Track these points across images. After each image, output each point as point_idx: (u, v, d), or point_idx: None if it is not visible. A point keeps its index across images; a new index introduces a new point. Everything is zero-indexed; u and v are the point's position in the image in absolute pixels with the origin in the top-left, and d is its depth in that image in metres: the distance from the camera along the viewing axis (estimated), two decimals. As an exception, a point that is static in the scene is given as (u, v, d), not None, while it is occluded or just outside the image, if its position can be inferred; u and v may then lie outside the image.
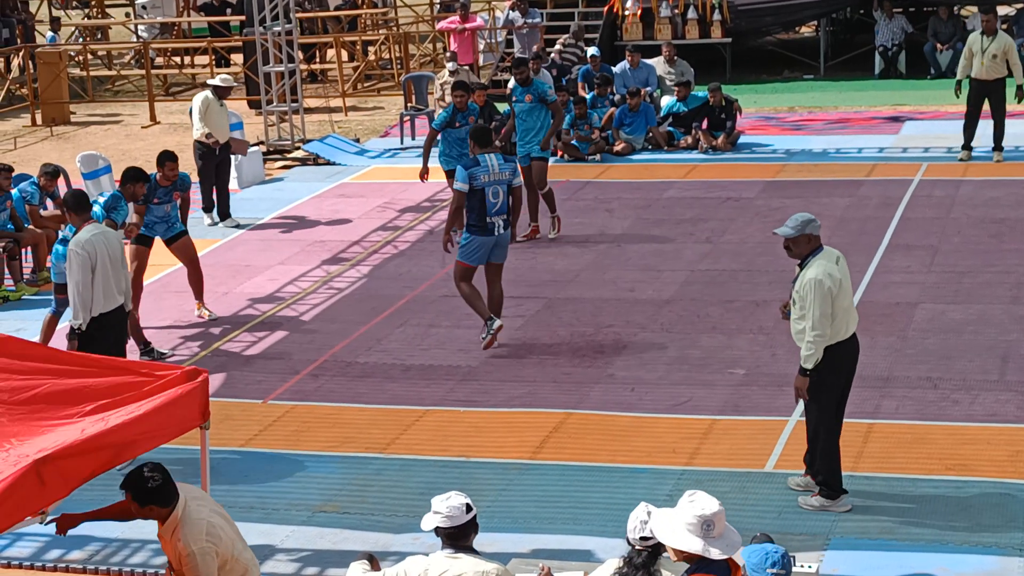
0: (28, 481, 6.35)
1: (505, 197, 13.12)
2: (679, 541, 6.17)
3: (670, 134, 21.41)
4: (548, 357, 12.99)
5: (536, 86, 16.99)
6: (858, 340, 9.78)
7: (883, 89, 25.41)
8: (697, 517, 6.13)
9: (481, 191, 13.01)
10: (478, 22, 26.26)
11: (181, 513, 7.30)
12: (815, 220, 9.61)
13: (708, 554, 6.11)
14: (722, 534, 6.17)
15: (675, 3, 26.80)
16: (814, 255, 9.57)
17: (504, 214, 13.14)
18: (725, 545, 6.16)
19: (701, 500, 6.21)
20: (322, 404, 12.22)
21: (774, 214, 17.34)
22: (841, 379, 9.69)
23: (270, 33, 22.07)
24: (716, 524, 6.14)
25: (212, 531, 7.31)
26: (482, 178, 13.02)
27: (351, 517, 10.04)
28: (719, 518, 6.16)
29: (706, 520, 6.13)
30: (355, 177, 20.83)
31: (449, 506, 6.64)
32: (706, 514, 6.14)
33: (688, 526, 6.16)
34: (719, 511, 6.17)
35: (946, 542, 9.24)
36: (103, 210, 13.13)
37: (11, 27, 31.42)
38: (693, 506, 6.18)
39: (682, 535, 6.17)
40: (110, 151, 22.31)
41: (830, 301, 9.42)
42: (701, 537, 6.13)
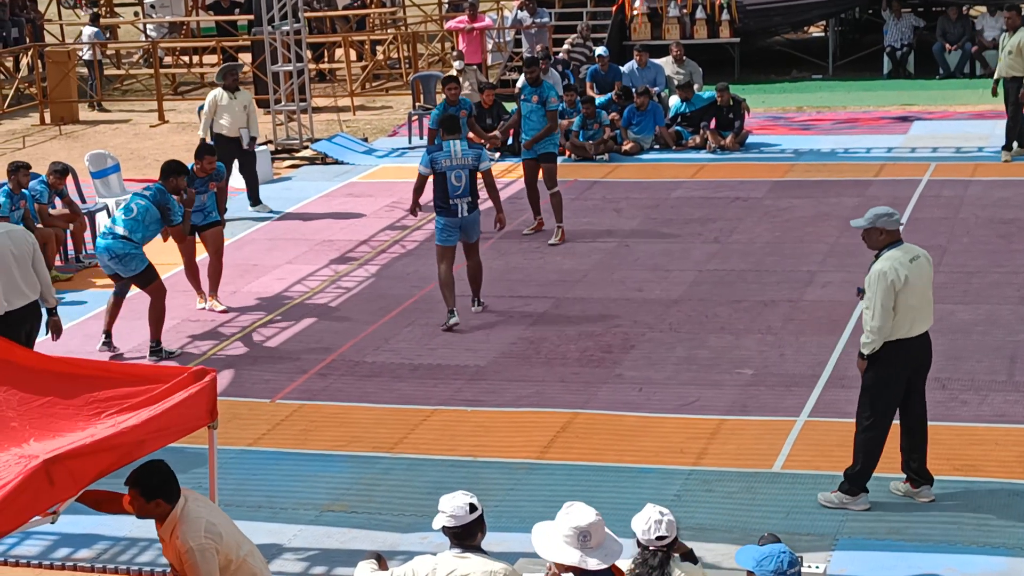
0: (37, 481, 6.36)
1: (468, 181, 13.80)
2: (556, 554, 6.17)
3: (678, 134, 21.40)
4: (556, 357, 12.99)
5: (543, 89, 17.03)
6: (930, 341, 9.70)
7: (892, 89, 25.38)
8: (573, 529, 6.14)
9: (443, 175, 13.73)
10: (486, 21, 26.26)
11: (180, 512, 7.30)
12: (892, 215, 9.53)
13: (585, 565, 6.11)
14: (600, 544, 6.16)
15: (683, 3, 26.78)
16: (889, 248, 9.51)
17: (467, 197, 13.81)
18: (603, 555, 6.16)
19: (577, 511, 6.22)
20: (330, 403, 12.23)
21: (782, 214, 17.34)
22: (901, 377, 9.59)
23: (278, 32, 22.09)
24: (593, 534, 6.13)
25: (211, 529, 7.30)
26: (443, 162, 13.73)
27: (359, 516, 10.04)
28: (596, 528, 6.15)
29: (582, 531, 6.14)
30: (363, 176, 20.84)
31: (454, 506, 6.64)
32: (582, 525, 6.15)
33: (565, 538, 6.16)
34: (595, 521, 6.17)
35: (954, 542, 9.24)
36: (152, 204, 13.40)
37: (20, 26, 31.45)
38: (569, 518, 6.19)
39: (559, 547, 6.17)
40: (119, 150, 22.34)
41: (892, 294, 9.35)
42: (578, 548, 6.13)
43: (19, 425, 7.11)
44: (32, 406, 7.32)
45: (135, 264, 13.39)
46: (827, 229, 16.54)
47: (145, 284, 13.55)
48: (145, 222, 13.43)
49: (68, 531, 9.82)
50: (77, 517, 9.83)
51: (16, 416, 7.20)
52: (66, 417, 7.23)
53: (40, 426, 7.11)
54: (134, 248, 13.36)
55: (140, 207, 13.46)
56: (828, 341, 12.94)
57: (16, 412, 7.24)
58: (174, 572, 7.49)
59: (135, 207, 13.48)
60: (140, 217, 13.42)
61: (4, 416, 7.20)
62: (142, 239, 13.46)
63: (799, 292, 14.38)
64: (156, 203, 13.49)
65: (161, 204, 13.52)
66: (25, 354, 7.91)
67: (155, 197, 13.53)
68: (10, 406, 7.28)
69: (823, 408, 11.49)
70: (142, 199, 13.51)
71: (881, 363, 9.54)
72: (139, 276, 13.47)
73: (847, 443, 10.73)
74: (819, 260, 15.39)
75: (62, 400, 7.37)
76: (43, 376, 7.58)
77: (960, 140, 20.76)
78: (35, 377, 7.56)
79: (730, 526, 9.53)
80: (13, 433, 7.02)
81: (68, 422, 7.18)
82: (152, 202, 13.47)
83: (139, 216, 13.42)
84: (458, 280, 14.14)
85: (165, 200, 13.54)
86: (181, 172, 13.73)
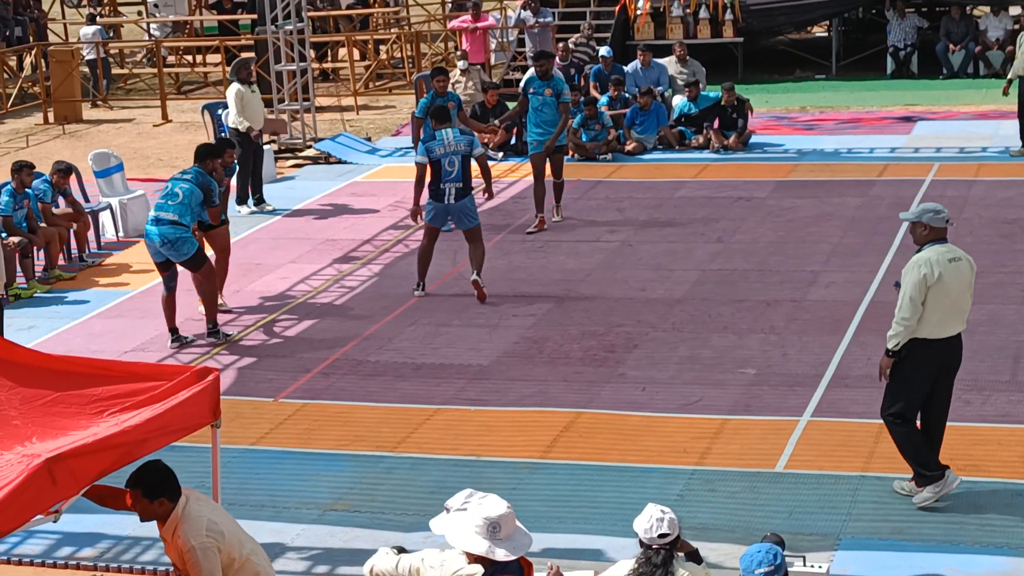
0: (39, 479, 6.36)
1: (460, 167, 14.51)
2: (465, 543, 6.22)
3: (681, 133, 21.40)
4: (559, 356, 12.99)
5: (556, 82, 17.39)
6: (961, 343, 9.65)
7: (895, 89, 25.38)
8: (484, 519, 6.19)
9: (438, 161, 14.51)
10: (490, 21, 26.25)
11: (181, 512, 7.29)
12: (939, 212, 9.49)
13: (493, 555, 6.16)
14: (510, 536, 6.21)
15: (687, 2, 26.78)
16: (930, 244, 9.49)
17: (458, 182, 14.54)
18: (512, 547, 6.20)
19: (488, 503, 6.25)
20: (333, 403, 12.23)
21: (785, 214, 17.34)
22: (927, 375, 9.54)
23: (282, 32, 22.10)
24: (503, 526, 6.18)
25: (213, 527, 7.30)
26: (438, 150, 14.52)
27: (361, 516, 10.04)
28: (506, 520, 6.20)
29: (492, 522, 6.18)
30: (366, 176, 20.85)
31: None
32: (492, 516, 6.19)
33: (476, 528, 6.21)
34: (506, 513, 6.21)
35: (957, 542, 9.23)
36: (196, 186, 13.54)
37: (23, 25, 31.47)
38: (480, 508, 6.22)
39: (469, 537, 6.22)
40: (122, 149, 22.33)
41: (923, 289, 9.33)
42: (487, 539, 6.17)
43: (22, 424, 7.11)
44: (35, 405, 7.32)
45: (187, 248, 13.54)
46: (830, 229, 16.54)
47: (196, 267, 13.72)
48: (191, 205, 13.58)
49: (71, 530, 9.82)
50: (80, 516, 9.83)
51: (19, 415, 7.20)
52: (69, 416, 7.23)
53: (43, 425, 7.11)
54: (185, 232, 13.53)
55: (185, 190, 13.59)
56: (831, 341, 12.93)
57: (19, 411, 7.24)
58: (177, 572, 7.49)
59: (180, 191, 13.60)
60: (187, 200, 13.56)
61: (7, 415, 7.20)
62: (191, 222, 13.62)
63: (802, 292, 14.38)
64: (199, 185, 13.65)
65: (203, 185, 13.69)
66: (27, 354, 7.91)
67: (197, 179, 13.68)
68: (12, 405, 7.28)
69: (826, 408, 11.48)
70: (184, 183, 13.65)
71: (907, 361, 9.49)
72: (191, 259, 13.62)
73: (850, 443, 10.76)
74: (822, 260, 15.39)
75: (65, 399, 7.37)
76: (46, 375, 7.58)
77: (963, 140, 20.75)
78: (38, 376, 7.56)
79: (733, 526, 9.52)
80: (16, 432, 7.02)
81: (71, 420, 7.18)
82: (195, 184, 13.63)
83: (186, 199, 13.56)
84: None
85: (207, 181, 13.74)
86: (216, 154, 14.00)
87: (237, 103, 18.56)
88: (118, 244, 17.78)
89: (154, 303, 15.13)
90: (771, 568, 6.38)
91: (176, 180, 13.76)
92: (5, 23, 30.88)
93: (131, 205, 18.17)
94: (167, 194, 13.64)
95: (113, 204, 18.02)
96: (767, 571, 6.38)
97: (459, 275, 15.48)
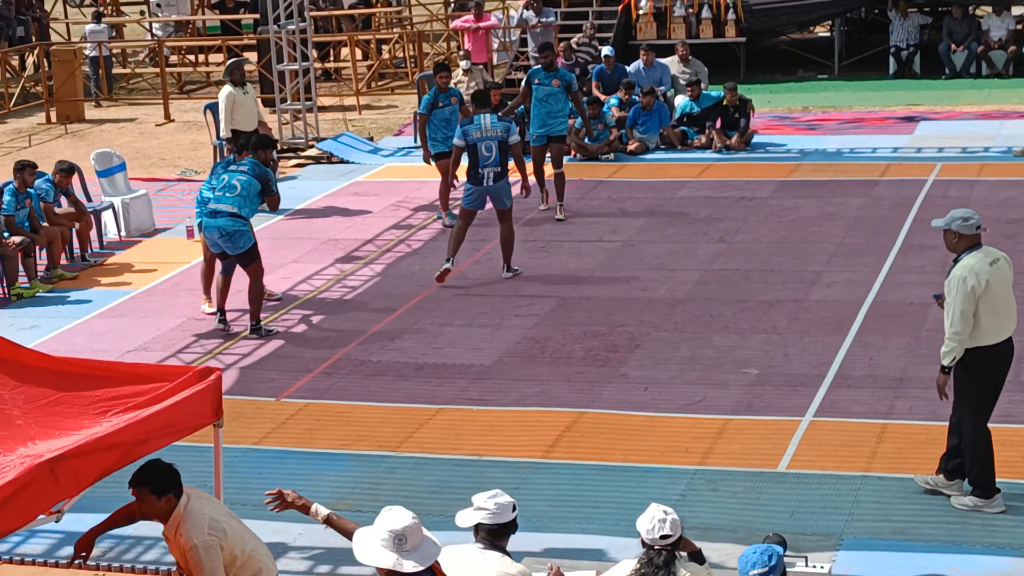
0: (41, 479, 6.36)
1: (497, 152, 14.91)
2: (373, 558, 6.18)
3: (684, 133, 21.40)
4: (561, 356, 12.99)
5: (562, 73, 17.99)
6: (1012, 346, 9.58)
7: (897, 89, 25.36)
8: (389, 532, 6.16)
9: (474, 146, 14.91)
10: (492, 21, 26.24)
11: (183, 509, 7.29)
12: (968, 219, 9.39)
13: (401, 568, 6.12)
14: (417, 546, 6.18)
15: (689, 2, 26.77)
16: (968, 252, 9.41)
17: (496, 167, 14.95)
18: (420, 557, 6.17)
19: (393, 515, 6.23)
20: (335, 402, 12.23)
21: (787, 214, 17.33)
22: (999, 377, 9.51)
23: (284, 31, 22.10)
24: (409, 537, 6.15)
25: (215, 525, 7.29)
26: (474, 134, 14.92)
27: (364, 515, 9.97)
28: (411, 531, 6.17)
29: (397, 534, 6.16)
30: (369, 175, 20.85)
31: (496, 503, 6.67)
32: (396, 528, 6.17)
33: (382, 542, 6.18)
34: (411, 525, 6.18)
35: (959, 542, 9.23)
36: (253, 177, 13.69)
37: (26, 25, 31.48)
38: (385, 522, 6.20)
39: (376, 551, 6.18)
40: (124, 149, 22.35)
41: (973, 300, 9.23)
42: (394, 552, 6.15)
43: (24, 424, 7.11)
44: (38, 405, 7.32)
45: (243, 241, 13.65)
46: (832, 229, 16.53)
47: (248, 263, 13.82)
48: (249, 197, 13.70)
49: (73, 529, 9.80)
50: (82, 515, 9.83)
51: (22, 415, 7.21)
52: (71, 416, 7.24)
53: (45, 425, 7.12)
54: (243, 224, 13.64)
55: (243, 182, 13.70)
56: (833, 341, 12.93)
57: (22, 411, 7.24)
58: (180, 570, 7.49)
59: (238, 183, 13.69)
60: (245, 192, 13.67)
61: (10, 415, 7.20)
62: (249, 214, 13.72)
63: (804, 292, 14.38)
64: (256, 176, 13.76)
65: (261, 176, 13.80)
66: (31, 355, 7.92)
67: (253, 170, 13.80)
68: (16, 405, 7.28)
69: (828, 408, 11.48)
70: (242, 175, 13.74)
71: (972, 372, 9.40)
72: (245, 254, 13.73)
73: (852, 443, 10.76)
74: (824, 260, 15.38)
75: (67, 399, 7.38)
76: (48, 375, 7.59)
77: (966, 140, 20.74)
78: (41, 376, 7.56)
79: (735, 526, 9.52)
80: (19, 432, 7.02)
81: (73, 420, 7.18)
82: (252, 175, 13.73)
83: (244, 192, 13.67)
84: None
85: (263, 172, 13.85)
86: (270, 145, 14.17)
87: (228, 107, 18.48)
88: (120, 244, 17.79)
89: (156, 303, 15.16)
90: (765, 569, 6.38)
91: (233, 172, 13.84)
92: (7, 23, 30.90)
93: (133, 204, 18.18)
94: (226, 186, 13.72)
95: (115, 204, 18.03)
96: (761, 572, 6.37)
97: (461, 275, 15.48)
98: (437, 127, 17.51)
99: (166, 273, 16.24)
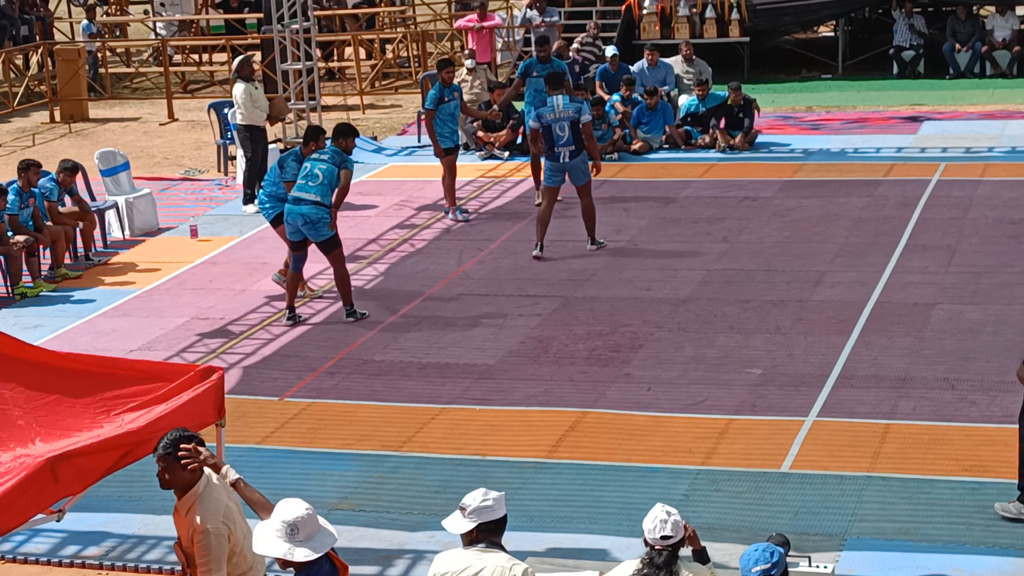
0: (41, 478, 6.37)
1: (571, 132, 15.55)
2: (267, 548, 6.34)
3: (688, 133, 21.39)
4: (564, 356, 12.99)
5: (557, 64, 18.51)
6: None
7: (901, 89, 25.34)
8: (282, 523, 6.29)
9: (548, 127, 15.64)
10: (496, 20, 26.26)
11: (202, 489, 7.25)
12: None
13: (292, 557, 6.28)
14: (311, 536, 6.32)
15: (693, 2, 26.76)
16: None
17: (570, 145, 15.60)
18: (313, 546, 6.32)
19: (287, 506, 6.35)
20: (338, 402, 12.23)
21: (791, 214, 17.32)
22: None
23: (288, 31, 22.11)
24: (301, 528, 6.30)
25: (228, 515, 7.24)
26: (548, 116, 15.67)
27: (366, 515, 10.04)
28: (304, 522, 6.31)
29: (290, 524, 6.30)
30: (372, 175, 20.84)
31: (493, 498, 6.67)
32: (289, 519, 6.31)
33: (276, 532, 6.33)
34: (304, 515, 6.33)
35: (962, 543, 9.22)
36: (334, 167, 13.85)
37: (30, 24, 31.50)
38: (279, 512, 6.34)
39: (270, 541, 6.34)
40: (128, 148, 22.35)
41: None
42: (287, 541, 6.29)
43: (25, 424, 7.11)
44: (39, 404, 7.32)
45: (326, 229, 13.85)
46: (836, 229, 16.52)
47: (330, 250, 14.07)
48: (332, 185, 13.87)
49: (76, 528, 9.84)
50: (85, 515, 9.85)
51: (22, 414, 7.21)
52: (72, 415, 7.24)
53: (46, 424, 7.12)
54: (326, 212, 13.84)
55: (324, 171, 13.88)
56: (837, 341, 12.92)
57: (23, 410, 7.24)
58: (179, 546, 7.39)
59: (319, 173, 13.88)
60: (327, 181, 13.85)
61: (11, 414, 7.20)
62: (331, 203, 13.88)
63: (808, 292, 14.37)
64: (337, 164, 13.92)
65: (341, 165, 13.94)
66: (34, 351, 7.92)
67: (334, 159, 13.96)
68: (17, 404, 7.28)
69: (832, 408, 11.47)
70: (323, 164, 13.93)
71: None
72: (327, 241, 13.96)
73: (856, 443, 10.75)
74: (828, 260, 15.37)
75: (69, 398, 7.37)
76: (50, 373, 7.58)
77: (970, 140, 20.73)
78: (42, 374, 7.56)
79: (738, 526, 9.52)
80: (19, 432, 7.02)
81: (74, 420, 7.18)
82: (333, 164, 13.91)
83: (326, 180, 13.85)
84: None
85: (344, 160, 13.99)
86: (352, 133, 14.29)
87: (246, 100, 18.63)
88: (124, 243, 17.79)
89: (159, 302, 15.17)
90: (768, 565, 6.39)
91: (315, 161, 14.00)
92: (11, 22, 30.91)
93: (137, 204, 18.18)
94: (307, 174, 13.90)
95: (119, 203, 18.03)
96: (763, 568, 6.38)
97: (464, 275, 15.49)
98: (443, 122, 17.73)
99: (170, 272, 16.25)
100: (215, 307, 14.91)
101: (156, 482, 7.16)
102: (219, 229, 17.80)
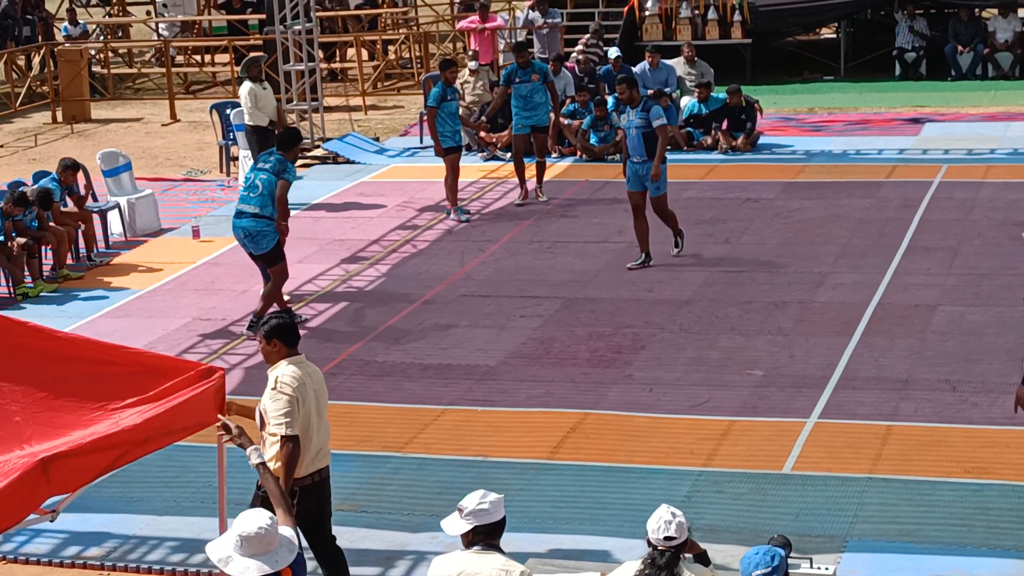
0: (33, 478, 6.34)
1: (639, 140, 15.29)
2: (214, 550, 6.26)
3: (690, 134, 21.38)
4: (566, 357, 12.98)
5: (538, 66, 19.02)
6: None
7: (903, 91, 25.32)
8: (236, 536, 6.21)
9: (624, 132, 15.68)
10: (498, 22, 26.24)
11: (288, 362, 8.11)
12: None
13: (225, 568, 6.19)
14: (256, 555, 6.17)
15: (695, 3, 26.75)
16: None
17: (640, 154, 15.31)
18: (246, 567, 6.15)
19: (245, 517, 6.24)
20: (340, 403, 12.19)
21: (793, 215, 17.32)
22: None
23: (290, 32, 22.10)
24: (246, 544, 6.17)
25: (302, 389, 7.99)
26: (622, 119, 15.57)
27: (368, 516, 10.04)
28: (252, 540, 6.16)
29: (239, 538, 6.20)
30: (374, 176, 20.84)
31: (491, 501, 6.65)
32: (241, 534, 6.20)
33: (230, 538, 6.25)
34: (254, 534, 6.17)
35: (964, 544, 9.22)
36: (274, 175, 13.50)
37: (32, 25, 31.51)
38: (238, 521, 6.24)
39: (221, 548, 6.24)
40: (130, 148, 22.34)
41: None
42: (232, 551, 6.21)
43: (23, 420, 7.08)
44: (37, 399, 7.29)
45: (266, 242, 13.60)
46: (838, 230, 16.51)
47: (271, 263, 13.74)
48: (272, 195, 13.52)
49: (77, 529, 9.83)
50: (86, 515, 9.85)
51: (20, 410, 7.17)
52: (71, 412, 7.19)
53: (43, 423, 7.07)
54: (266, 225, 13.53)
55: (264, 182, 13.54)
56: (839, 343, 12.92)
57: (20, 405, 7.20)
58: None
59: (259, 183, 13.56)
60: (267, 191, 13.53)
61: (8, 410, 7.16)
62: (272, 213, 13.55)
63: (810, 293, 14.36)
64: (276, 173, 13.56)
65: (280, 174, 13.57)
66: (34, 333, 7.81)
67: (275, 167, 13.59)
68: (15, 398, 7.24)
69: (833, 410, 11.47)
70: (263, 173, 13.58)
71: None
72: (268, 254, 13.68)
73: (857, 445, 10.75)
74: (830, 261, 15.37)
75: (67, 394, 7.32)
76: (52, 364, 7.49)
77: (972, 142, 20.71)
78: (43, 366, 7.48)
79: (740, 527, 9.52)
80: (16, 430, 6.99)
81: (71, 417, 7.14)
82: (273, 173, 13.55)
83: (266, 191, 13.53)
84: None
85: (285, 170, 13.60)
86: (296, 141, 13.99)
87: (252, 100, 18.61)
88: (126, 243, 17.79)
89: (161, 302, 15.17)
90: (768, 569, 6.38)
91: (256, 171, 13.69)
92: (13, 23, 30.92)
93: (139, 204, 18.18)
94: (248, 186, 13.65)
95: (121, 203, 18.03)
96: (763, 572, 6.37)
97: (466, 276, 15.49)
98: (445, 121, 17.72)
99: (171, 273, 16.24)
100: (217, 308, 14.91)
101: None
102: (221, 230, 17.78)
